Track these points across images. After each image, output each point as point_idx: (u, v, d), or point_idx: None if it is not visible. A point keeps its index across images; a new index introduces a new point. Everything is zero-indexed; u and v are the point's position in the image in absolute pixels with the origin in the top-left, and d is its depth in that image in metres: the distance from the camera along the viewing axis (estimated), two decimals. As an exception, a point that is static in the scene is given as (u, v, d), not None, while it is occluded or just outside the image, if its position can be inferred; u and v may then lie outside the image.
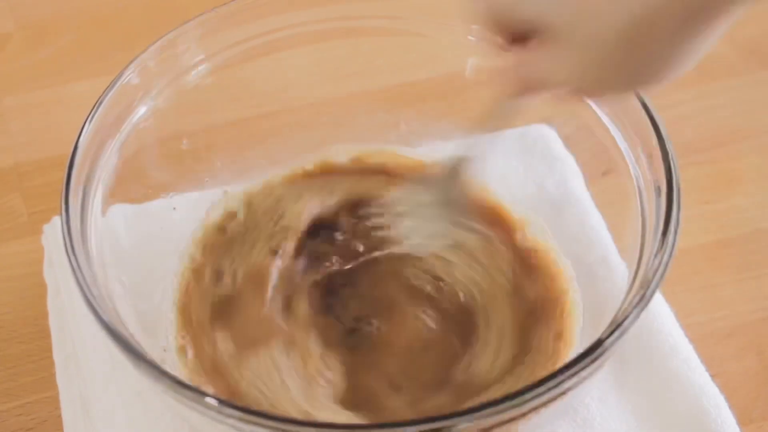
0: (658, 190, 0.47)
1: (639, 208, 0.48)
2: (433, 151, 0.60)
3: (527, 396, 0.39)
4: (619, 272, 0.50)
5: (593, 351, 0.41)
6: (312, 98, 0.60)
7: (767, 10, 0.75)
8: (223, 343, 0.51)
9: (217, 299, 0.53)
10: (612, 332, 0.42)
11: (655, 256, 0.44)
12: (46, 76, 0.71)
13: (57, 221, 0.58)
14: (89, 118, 0.49)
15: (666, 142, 0.47)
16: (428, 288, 0.54)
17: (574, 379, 0.40)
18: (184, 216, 0.56)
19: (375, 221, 0.54)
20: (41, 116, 0.68)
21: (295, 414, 0.48)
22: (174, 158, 0.57)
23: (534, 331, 0.52)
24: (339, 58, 0.59)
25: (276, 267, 0.54)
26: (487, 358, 0.51)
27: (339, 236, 0.55)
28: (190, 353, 0.51)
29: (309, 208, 0.56)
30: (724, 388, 0.52)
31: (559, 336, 0.51)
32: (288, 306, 0.53)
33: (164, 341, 0.52)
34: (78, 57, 0.72)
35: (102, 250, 0.48)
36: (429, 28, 0.56)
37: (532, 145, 0.60)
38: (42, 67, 0.71)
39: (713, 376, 0.52)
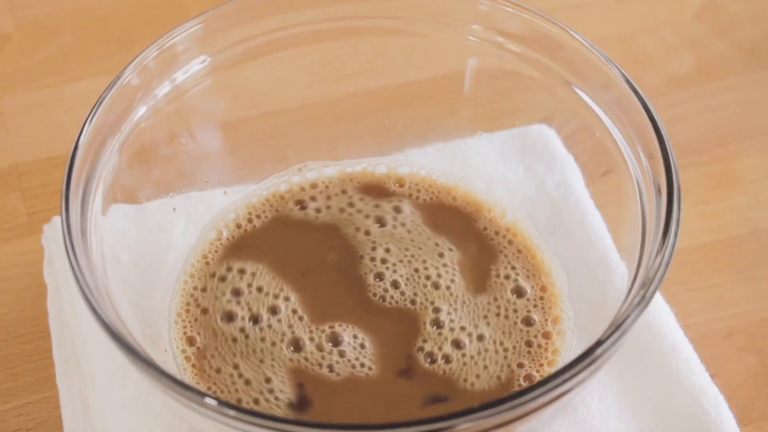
0: (658, 190, 0.47)
1: (639, 208, 0.48)
2: (433, 152, 0.60)
3: (527, 397, 0.39)
4: (619, 272, 0.50)
5: (593, 352, 0.41)
6: (312, 98, 0.60)
7: (767, 10, 0.75)
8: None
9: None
10: (612, 333, 0.42)
11: (655, 256, 0.44)
12: (46, 76, 0.71)
13: (57, 221, 0.58)
14: (89, 118, 0.49)
15: (666, 142, 0.47)
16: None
17: (574, 381, 0.40)
18: (184, 216, 0.56)
19: None
20: (41, 116, 0.68)
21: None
22: (174, 158, 0.57)
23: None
24: (339, 58, 0.59)
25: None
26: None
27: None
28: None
29: None
30: (724, 388, 0.52)
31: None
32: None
33: (165, 341, 0.52)
34: (78, 57, 0.72)
35: (102, 250, 0.48)
36: (429, 28, 0.56)
37: (532, 145, 0.60)
38: (42, 67, 0.71)
39: (713, 376, 0.53)
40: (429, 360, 0.50)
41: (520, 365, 0.51)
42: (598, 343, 0.41)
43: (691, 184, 0.63)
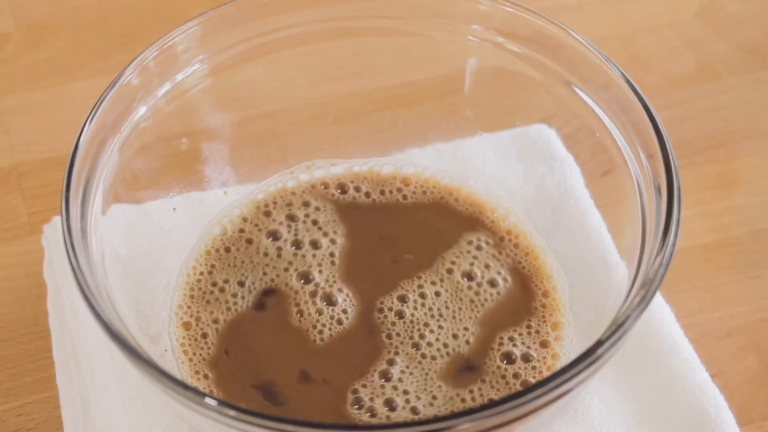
0: (658, 190, 0.47)
1: (639, 208, 0.48)
2: (433, 152, 0.60)
3: (527, 397, 0.39)
4: (619, 272, 0.50)
5: (593, 352, 0.41)
6: (312, 98, 0.60)
7: (767, 10, 0.75)
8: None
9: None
10: (612, 333, 0.42)
11: (655, 256, 0.44)
12: (46, 76, 0.71)
13: (57, 221, 0.58)
14: (89, 118, 0.49)
15: (666, 142, 0.47)
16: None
17: (575, 381, 0.40)
18: (184, 216, 0.56)
19: None
20: (41, 116, 0.68)
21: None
22: (174, 158, 0.57)
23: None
24: (339, 58, 0.59)
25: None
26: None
27: None
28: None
29: None
30: (724, 388, 0.52)
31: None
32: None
33: (165, 341, 0.52)
34: (78, 57, 0.72)
35: (102, 250, 0.48)
36: (429, 28, 0.56)
37: (532, 145, 0.60)
38: (42, 67, 0.71)
39: (713, 376, 0.53)
40: (356, 405, 0.49)
41: None
42: (599, 343, 0.41)
43: (691, 184, 0.63)
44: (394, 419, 0.49)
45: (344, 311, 0.52)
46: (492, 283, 0.54)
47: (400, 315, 0.52)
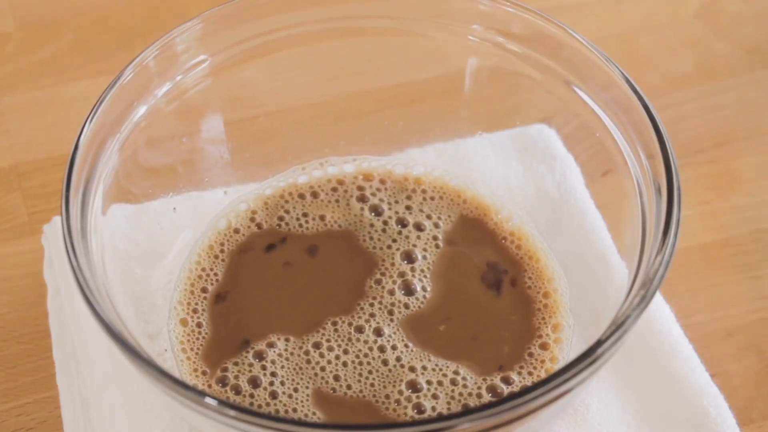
0: (658, 190, 0.47)
1: (639, 208, 0.48)
2: (433, 152, 0.60)
3: (527, 397, 0.39)
4: (619, 272, 0.50)
5: (593, 352, 0.41)
6: (312, 98, 0.60)
7: (767, 10, 0.75)
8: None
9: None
10: (612, 333, 0.42)
11: (655, 256, 0.44)
12: (46, 76, 0.71)
13: (57, 221, 0.58)
14: (89, 118, 0.49)
15: (666, 142, 0.47)
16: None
17: (575, 381, 0.40)
18: (184, 216, 0.56)
19: None
20: (41, 116, 0.68)
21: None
22: (174, 158, 0.57)
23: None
24: (339, 58, 0.59)
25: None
26: None
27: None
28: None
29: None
30: (724, 388, 0.52)
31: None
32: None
33: (164, 340, 0.52)
34: (78, 57, 0.72)
35: (102, 250, 0.48)
36: (429, 28, 0.56)
37: (532, 145, 0.60)
38: (42, 67, 0.71)
39: (713, 376, 0.53)
40: (221, 383, 0.50)
41: None
42: (599, 342, 0.41)
43: (691, 184, 0.63)
44: (256, 399, 0.49)
45: (406, 306, 0.53)
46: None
47: (359, 330, 0.51)
